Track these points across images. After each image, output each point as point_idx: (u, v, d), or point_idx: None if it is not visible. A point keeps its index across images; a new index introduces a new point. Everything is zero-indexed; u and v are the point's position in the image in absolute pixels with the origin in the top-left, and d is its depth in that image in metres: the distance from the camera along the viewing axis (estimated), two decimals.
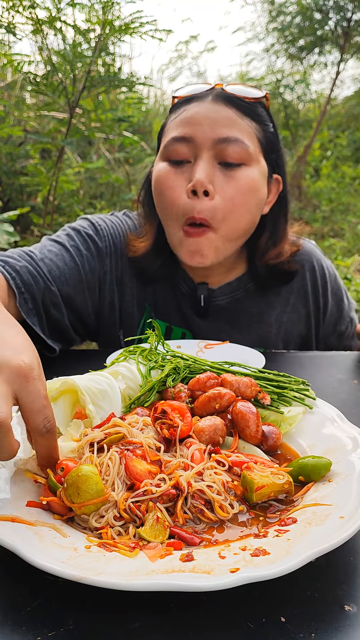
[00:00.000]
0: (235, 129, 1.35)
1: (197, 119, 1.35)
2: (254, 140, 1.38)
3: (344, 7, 7.59)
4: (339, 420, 0.89)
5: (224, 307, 1.56)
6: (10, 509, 0.67)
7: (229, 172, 1.35)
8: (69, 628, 0.55)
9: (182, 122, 1.37)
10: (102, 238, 1.54)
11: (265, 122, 1.43)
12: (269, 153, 1.44)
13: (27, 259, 1.39)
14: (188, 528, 0.68)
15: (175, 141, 1.37)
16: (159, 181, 1.41)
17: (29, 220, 4.98)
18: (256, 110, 1.41)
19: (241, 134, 1.35)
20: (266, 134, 1.43)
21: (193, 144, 1.35)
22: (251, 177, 1.36)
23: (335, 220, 7.87)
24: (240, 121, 1.36)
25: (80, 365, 1.43)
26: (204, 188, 1.31)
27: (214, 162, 1.35)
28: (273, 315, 1.58)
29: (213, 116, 1.35)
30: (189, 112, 1.37)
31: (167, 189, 1.38)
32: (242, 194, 1.35)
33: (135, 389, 0.97)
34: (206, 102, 1.37)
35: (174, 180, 1.37)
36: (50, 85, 3.32)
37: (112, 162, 5.68)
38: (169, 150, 1.38)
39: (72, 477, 0.68)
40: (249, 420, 0.85)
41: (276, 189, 1.50)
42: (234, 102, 1.38)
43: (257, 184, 1.38)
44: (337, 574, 0.62)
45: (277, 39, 8.61)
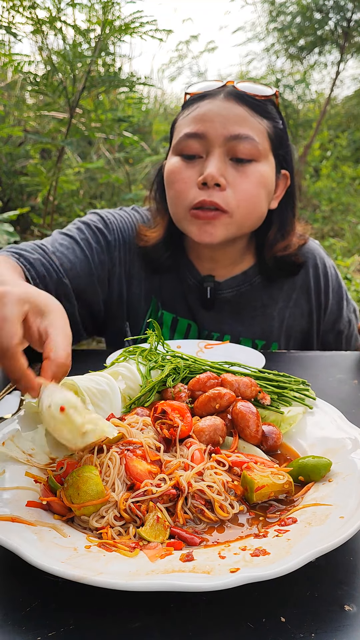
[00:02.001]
0: (246, 126, 1.39)
1: (210, 116, 1.39)
2: (264, 137, 1.42)
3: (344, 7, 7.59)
4: (339, 420, 0.89)
5: (229, 299, 1.59)
6: (10, 509, 0.67)
7: (240, 167, 1.40)
8: (69, 628, 0.55)
9: (195, 119, 1.41)
10: (111, 231, 1.58)
11: (275, 119, 1.47)
12: (277, 149, 1.48)
13: (40, 252, 1.42)
14: (188, 528, 0.68)
15: (188, 137, 1.41)
16: (171, 174, 1.45)
17: (29, 220, 4.98)
18: (266, 107, 1.45)
19: (252, 132, 1.40)
20: (276, 131, 1.47)
21: (205, 140, 1.40)
22: (261, 172, 1.41)
23: (335, 220, 7.88)
24: (251, 119, 1.41)
25: (80, 365, 1.43)
26: (215, 181, 1.36)
27: (225, 158, 1.40)
28: (276, 310, 1.61)
29: (225, 114, 1.39)
30: (202, 109, 1.41)
31: (178, 181, 1.42)
32: (253, 187, 1.40)
33: (135, 389, 0.97)
34: (218, 99, 1.41)
35: (185, 173, 1.42)
36: (50, 85, 3.32)
37: (112, 162, 5.68)
38: (182, 146, 1.43)
39: (73, 478, 0.68)
40: (249, 420, 0.85)
41: (284, 184, 1.54)
42: (245, 100, 1.42)
43: (267, 179, 1.43)
44: (337, 574, 0.62)
45: (277, 39, 8.61)
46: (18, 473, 0.76)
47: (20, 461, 0.79)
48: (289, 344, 1.64)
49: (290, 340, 1.64)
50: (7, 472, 0.76)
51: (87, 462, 0.74)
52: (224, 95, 1.42)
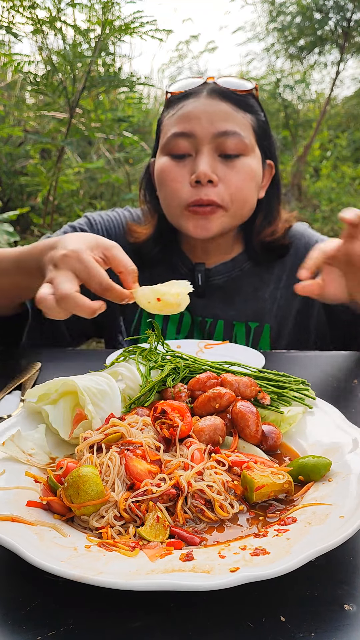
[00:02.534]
0: (232, 122, 1.44)
1: (196, 114, 1.43)
2: (249, 131, 1.48)
3: (344, 7, 7.59)
4: (339, 420, 0.89)
5: (220, 286, 1.63)
6: (10, 509, 0.67)
7: (229, 162, 1.45)
8: (69, 628, 0.55)
9: (182, 118, 1.45)
10: (95, 231, 1.64)
11: (257, 112, 1.53)
12: (262, 141, 1.54)
13: None
14: (188, 528, 0.68)
15: (176, 136, 1.45)
16: (162, 174, 1.49)
17: (29, 220, 4.98)
18: (248, 102, 1.50)
19: (238, 127, 1.44)
20: (259, 123, 1.52)
21: (193, 138, 1.43)
22: (250, 166, 1.47)
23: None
24: (235, 114, 1.45)
25: (80, 365, 1.43)
26: (208, 178, 1.40)
27: (215, 155, 1.44)
28: (267, 292, 1.64)
29: (210, 111, 1.43)
30: (187, 108, 1.45)
31: (171, 180, 1.46)
32: (244, 181, 1.45)
33: (135, 389, 0.97)
34: (202, 97, 1.45)
35: (177, 173, 1.46)
36: (50, 85, 3.32)
37: (112, 162, 5.68)
38: (171, 145, 1.46)
39: (73, 478, 0.68)
40: (248, 420, 0.85)
41: (269, 173, 1.60)
42: (228, 96, 1.46)
43: (255, 171, 1.49)
44: (337, 574, 0.62)
45: (277, 39, 8.61)
46: (18, 473, 0.76)
47: (20, 461, 0.79)
48: (285, 325, 1.64)
49: (286, 321, 1.64)
50: (7, 472, 0.76)
51: (87, 462, 0.74)
52: (207, 93, 1.46)
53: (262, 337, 1.63)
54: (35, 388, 0.92)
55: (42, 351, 1.54)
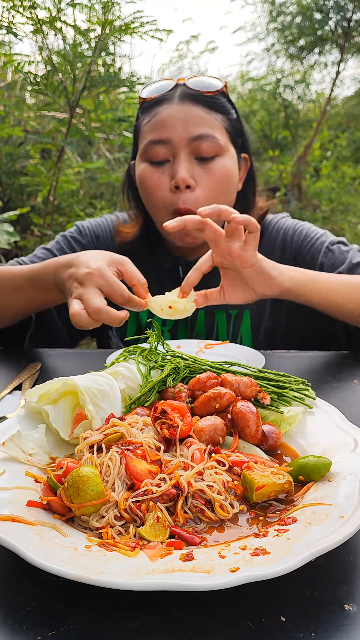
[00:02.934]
0: (205, 125, 1.50)
1: (170, 121, 1.50)
2: (222, 132, 1.54)
3: (344, 7, 7.59)
4: (339, 420, 0.89)
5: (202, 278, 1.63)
6: (11, 509, 0.67)
7: (206, 165, 1.51)
8: (69, 628, 0.55)
9: (157, 125, 1.52)
10: (84, 236, 1.74)
11: (229, 111, 1.58)
12: (235, 138, 1.59)
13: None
14: (188, 528, 0.68)
15: (153, 144, 1.52)
16: (143, 181, 1.56)
17: (29, 220, 4.97)
18: (219, 102, 1.55)
19: (211, 129, 1.51)
20: (231, 122, 1.58)
21: (170, 144, 1.50)
22: (226, 166, 1.53)
23: (335, 220, 7.87)
24: (208, 117, 1.51)
25: (80, 365, 1.43)
26: (186, 183, 1.47)
27: (191, 158, 1.51)
28: None
29: (184, 117, 1.49)
30: (161, 115, 1.51)
31: (152, 187, 1.54)
32: (220, 183, 1.52)
33: (135, 389, 0.97)
34: (174, 102, 1.51)
35: (157, 179, 1.53)
36: (50, 85, 3.32)
37: (112, 162, 5.68)
38: (149, 153, 1.53)
39: (73, 478, 0.68)
40: (249, 420, 0.85)
41: (245, 167, 1.67)
42: (198, 99, 1.52)
43: (231, 171, 1.55)
44: (337, 574, 0.62)
45: (277, 39, 8.61)
46: (18, 473, 0.76)
47: (20, 461, 0.79)
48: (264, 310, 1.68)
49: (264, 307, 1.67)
50: (7, 472, 0.76)
51: (87, 462, 0.74)
52: (178, 98, 1.52)
53: (242, 323, 1.67)
54: (35, 388, 0.92)
55: (42, 351, 1.54)
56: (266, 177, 8.61)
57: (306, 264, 1.63)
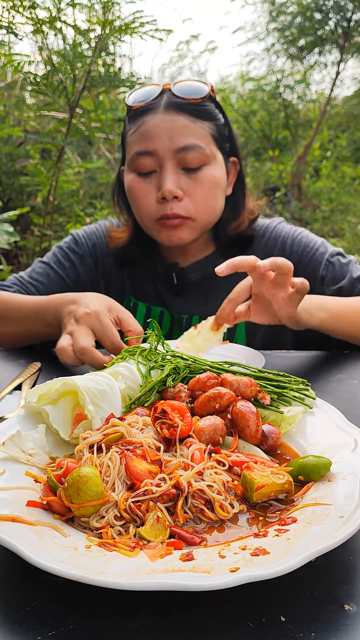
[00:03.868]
0: (190, 135, 1.48)
1: (155, 132, 1.49)
2: (208, 140, 1.52)
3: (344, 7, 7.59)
4: (338, 420, 0.89)
5: (196, 283, 1.69)
6: (11, 509, 0.67)
7: (192, 175, 1.50)
8: (69, 628, 0.55)
9: (142, 136, 1.51)
10: (80, 245, 1.76)
11: (215, 116, 1.56)
12: (223, 144, 1.58)
13: (18, 284, 1.66)
14: (188, 528, 0.68)
15: (139, 155, 1.51)
16: (131, 191, 1.57)
17: (29, 220, 4.98)
18: (205, 109, 1.53)
19: (197, 139, 1.49)
20: (218, 128, 1.55)
21: (155, 156, 1.50)
22: (213, 174, 1.52)
23: (335, 220, 7.87)
24: (193, 126, 1.49)
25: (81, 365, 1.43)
26: (173, 194, 1.47)
27: (178, 169, 1.50)
28: None
29: (169, 127, 1.48)
30: (147, 126, 1.50)
31: (139, 197, 1.54)
32: (208, 191, 1.51)
33: (135, 389, 0.97)
34: (159, 112, 1.50)
35: (144, 190, 1.53)
36: (50, 85, 3.32)
37: (112, 162, 5.68)
38: (135, 164, 1.53)
39: (73, 478, 0.68)
40: (248, 420, 0.85)
41: (235, 170, 1.65)
42: (184, 107, 1.50)
43: (219, 178, 1.54)
44: (337, 574, 0.62)
45: (278, 39, 8.61)
46: (18, 473, 0.76)
47: (20, 461, 0.79)
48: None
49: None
50: (7, 472, 0.76)
51: (87, 462, 0.74)
52: (164, 107, 1.50)
53: (237, 330, 1.68)
54: (35, 388, 0.92)
55: (42, 351, 1.54)
56: (266, 177, 8.61)
57: (306, 275, 1.63)
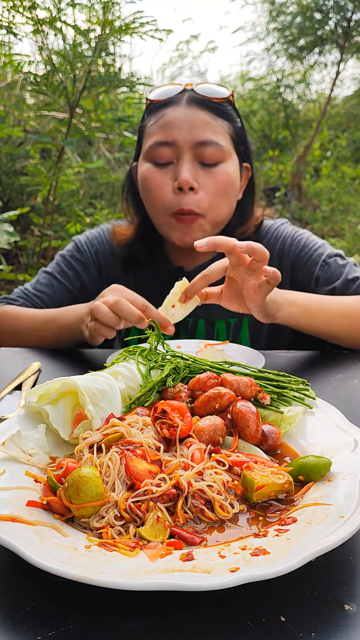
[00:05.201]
0: (210, 131, 1.52)
1: (176, 123, 1.51)
2: (226, 139, 1.55)
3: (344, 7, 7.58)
4: (338, 420, 0.89)
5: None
6: (11, 509, 0.67)
7: (209, 169, 1.53)
8: (69, 628, 0.55)
9: (163, 126, 1.53)
10: (83, 252, 1.76)
11: (234, 118, 1.60)
12: (239, 146, 1.61)
13: (23, 297, 1.69)
14: (188, 528, 0.68)
15: (158, 145, 1.53)
16: (146, 181, 1.57)
17: (29, 220, 4.98)
18: (225, 109, 1.57)
19: (216, 136, 1.52)
20: (236, 130, 1.59)
21: (174, 146, 1.52)
22: (228, 172, 1.54)
23: (335, 220, 7.87)
24: (214, 122, 1.53)
25: (80, 365, 1.43)
26: (189, 185, 1.49)
27: (195, 162, 1.52)
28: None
29: (190, 120, 1.51)
30: (168, 117, 1.53)
31: (154, 187, 1.54)
32: (222, 187, 1.53)
33: (135, 389, 0.97)
34: (181, 106, 1.53)
35: (160, 179, 1.54)
36: (50, 85, 3.32)
37: (112, 162, 5.68)
38: (153, 153, 1.54)
39: (73, 478, 0.68)
40: (248, 420, 0.85)
41: (246, 176, 1.68)
42: (206, 104, 1.53)
43: (233, 177, 1.57)
44: (337, 574, 0.62)
45: (278, 39, 8.60)
46: (18, 473, 0.76)
47: (20, 461, 0.79)
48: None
49: None
50: (7, 472, 0.76)
51: (87, 462, 0.74)
52: (186, 101, 1.53)
53: (241, 331, 1.68)
54: (35, 388, 0.92)
55: (42, 351, 1.54)
56: (266, 177, 8.61)
57: (303, 276, 1.65)
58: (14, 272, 4.57)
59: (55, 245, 4.52)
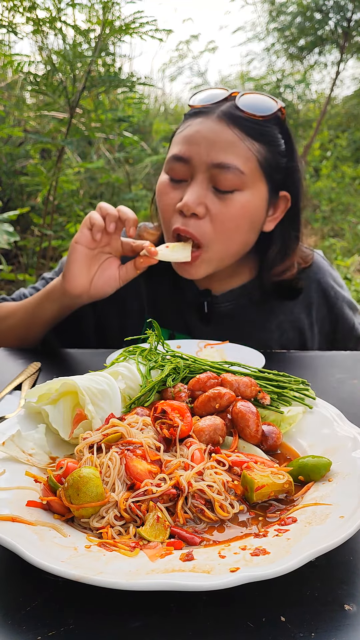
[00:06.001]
0: (232, 154, 1.34)
1: (197, 139, 1.37)
2: (252, 164, 1.37)
3: (344, 7, 7.58)
4: (339, 420, 0.89)
5: (227, 313, 1.57)
6: (11, 509, 0.67)
7: (223, 196, 1.36)
8: (69, 628, 0.55)
9: (184, 139, 1.40)
10: None
11: (274, 141, 1.41)
12: (272, 173, 1.41)
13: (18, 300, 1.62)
14: (188, 528, 0.68)
15: (175, 160, 1.41)
16: (159, 193, 1.47)
17: (29, 220, 4.98)
18: (264, 129, 1.39)
19: (237, 160, 1.34)
20: (271, 155, 1.40)
21: (190, 164, 1.38)
22: (244, 202, 1.37)
23: (335, 220, 7.87)
24: (240, 144, 1.36)
25: (80, 365, 1.43)
26: (191, 211, 1.34)
27: (208, 185, 1.37)
28: (275, 323, 1.59)
29: (212, 137, 1.35)
30: (191, 130, 1.39)
31: (163, 202, 1.44)
32: (234, 218, 1.36)
33: (135, 389, 0.97)
34: (210, 120, 1.38)
35: (171, 197, 1.42)
36: (50, 85, 3.32)
37: (112, 162, 5.68)
38: (170, 167, 1.43)
39: (73, 478, 0.68)
40: (248, 420, 0.85)
41: (284, 206, 1.48)
42: (239, 122, 1.36)
43: (251, 208, 1.38)
44: (337, 574, 0.62)
45: (278, 39, 8.61)
46: (18, 473, 0.76)
47: (20, 461, 0.79)
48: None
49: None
50: (7, 472, 0.76)
51: (87, 463, 0.74)
52: (217, 116, 1.37)
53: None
54: (35, 388, 0.92)
55: (42, 351, 1.54)
56: None
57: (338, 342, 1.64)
58: (14, 272, 4.57)
59: (55, 245, 4.52)
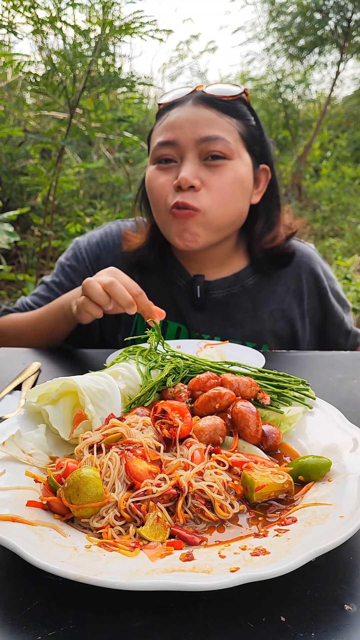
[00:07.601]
0: (215, 127, 1.43)
1: (179, 122, 1.45)
2: (234, 136, 1.46)
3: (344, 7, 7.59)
4: (338, 420, 0.89)
5: (220, 300, 1.61)
6: (11, 509, 0.67)
7: (213, 167, 1.44)
8: (69, 628, 0.55)
9: (166, 127, 1.47)
10: (80, 261, 1.70)
11: (246, 117, 1.51)
12: (251, 146, 1.51)
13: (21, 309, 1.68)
14: (188, 528, 0.68)
15: (161, 146, 1.47)
16: (149, 182, 1.52)
17: (29, 220, 4.98)
18: (235, 107, 1.49)
19: (221, 132, 1.43)
20: (248, 128, 1.50)
21: (177, 146, 1.45)
22: (235, 170, 1.45)
23: (335, 220, 7.87)
24: (219, 119, 1.45)
25: (80, 365, 1.43)
26: (189, 183, 1.41)
27: (199, 161, 1.44)
28: (267, 312, 1.62)
29: (193, 118, 1.44)
30: (172, 118, 1.47)
31: (157, 187, 1.48)
32: (228, 185, 1.44)
33: (135, 389, 0.97)
34: (187, 105, 1.47)
35: (162, 179, 1.48)
36: (50, 85, 3.32)
37: (112, 162, 5.68)
38: (157, 155, 1.49)
39: (73, 478, 0.68)
40: (248, 420, 0.85)
41: (265, 178, 1.57)
42: (213, 102, 1.46)
43: (242, 176, 1.47)
44: (337, 574, 0.62)
45: (278, 39, 8.61)
46: (18, 473, 0.76)
47: (20, 461, 0.79)
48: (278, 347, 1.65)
49: (279, 343, 1.64)
50: (7, 472, 0.76)
51: (87, 463, 0.74)
52: (192, 101, 1.46)
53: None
54: (35, 388, 0.92)
55: (42, 351, 1.54)
56: None
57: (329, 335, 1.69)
58: (14, 272, 4.58)
59: (55, 245, 4.52)
